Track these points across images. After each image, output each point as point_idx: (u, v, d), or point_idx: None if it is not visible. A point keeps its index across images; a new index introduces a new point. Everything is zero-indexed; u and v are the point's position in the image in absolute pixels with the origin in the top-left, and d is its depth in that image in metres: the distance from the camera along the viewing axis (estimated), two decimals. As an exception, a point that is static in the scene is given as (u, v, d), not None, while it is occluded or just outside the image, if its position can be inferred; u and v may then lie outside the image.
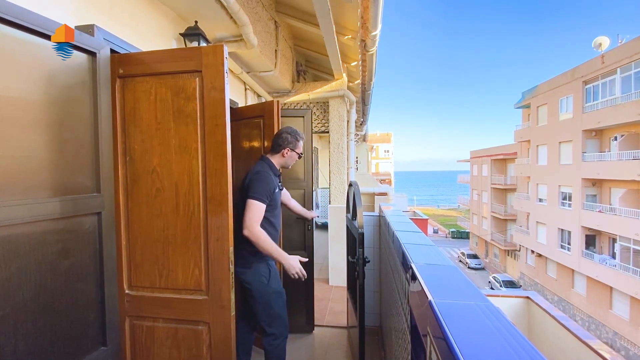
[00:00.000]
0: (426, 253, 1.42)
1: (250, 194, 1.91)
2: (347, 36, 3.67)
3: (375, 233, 3.18)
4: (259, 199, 1.91)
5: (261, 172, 2.02)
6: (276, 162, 2.17)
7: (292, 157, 2.20)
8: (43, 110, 1.28)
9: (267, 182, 1.97)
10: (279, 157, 2.17)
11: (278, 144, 2.16)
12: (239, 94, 3.58)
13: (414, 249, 1.44)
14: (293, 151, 2.18)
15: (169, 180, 1.59)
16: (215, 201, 1.55)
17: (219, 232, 1.55)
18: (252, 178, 1.99)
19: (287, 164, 2.23)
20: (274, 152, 2.18)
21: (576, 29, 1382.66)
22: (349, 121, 4.65)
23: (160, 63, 1.57)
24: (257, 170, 2.04)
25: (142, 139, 1.61)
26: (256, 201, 1.90)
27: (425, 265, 1.21)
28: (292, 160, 2.22)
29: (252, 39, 2.64)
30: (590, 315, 16.20)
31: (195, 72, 1.55)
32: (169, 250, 1.61)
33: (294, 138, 2.17)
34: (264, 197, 1.94)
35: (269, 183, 1.98)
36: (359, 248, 2.36)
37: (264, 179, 1.97)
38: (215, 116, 1.54)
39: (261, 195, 1.92)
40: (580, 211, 16.23)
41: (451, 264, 1.24)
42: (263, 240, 1.86)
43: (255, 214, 1.88)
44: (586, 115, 16.08)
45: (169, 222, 1.61)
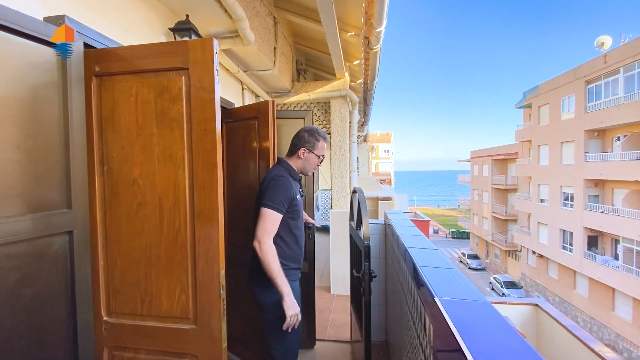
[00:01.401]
0: (449, 279, 1.23)
1: (264, 202, 1.67)
2: (350, 33, 3.47)
3: (380, 242, 2.99)
4: (275, 207, 1.66)
5: (278, 176, 1.76)
6: (294, 165, 1.90)
7: (311, 161, 1.89)
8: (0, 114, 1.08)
9: (285, 188, 1.72)
10: (296, 160, 1.89)
11: (294, 144, 1.89)
12: (235, 94, 3.39)
13: (434, 275, 1.25)
14: (311, 152, 1.87)
15: (152, 194, 1.40)
16: (203, 217, 1.35)
17: (208, 253, 1.36)
18: (268, 184, 1.75)
19: (306, 169, 1.92)
20: (291, 154, 1.91)
21: (578, 28, 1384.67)
22: (351, 122, 4.46)
23: (142, 59, 1.37)
24: (274, 174, 1.79)
25: (122, 146, 1.42)
26: (271, 210, 1.65)
27: (454, 302, 1.01)
28: (312, 165, 1.91)
29: (248, 35, 2.44)
30: (592, 316, 16.07)
31: (181, 69, 1.35)
32: (152, 273, 1.42)
33: (312, 137, 1.86)
34: (280, 206, 1.69)
35: (288, 189, 1.73)
36: (364, 262, 2.17)
37: (282, 184, 1.72)
38: (203, 120, 1.34)
39: (277, 204, 1.67)
40: (582, 212, 16.07)
41: (483, 299, 1.04)
42: (270, 259, 1.61)
43: (268, 225, 1.64)
44: (588, 115, 15.91)
45: (152, 241, 1.41)
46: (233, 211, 2.80)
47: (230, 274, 2.89)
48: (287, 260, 1.79)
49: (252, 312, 2.48)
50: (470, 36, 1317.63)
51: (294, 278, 1.87)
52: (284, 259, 1.74)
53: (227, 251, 2.92)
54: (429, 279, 1.19)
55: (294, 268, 1.88)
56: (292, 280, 1.82)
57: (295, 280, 1.87)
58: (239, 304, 2.78)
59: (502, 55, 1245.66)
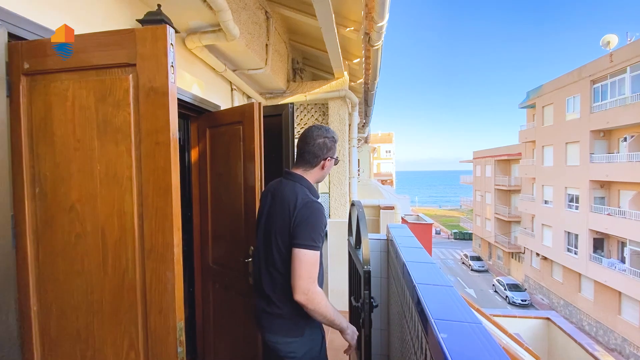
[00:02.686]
0: (468, 334, 0.93)
1: (302, 242, 1.32)
2: (349, 28, 3.17)
3: (382, 260, 2.69)
4: (316, 247, 1.34)
5: (311, 202, 1.40)
6: (312, 179, 1.56)
7: (330, 167, 1.59)
8: None
9: (321, 219, 1.39)
10: (318, 172, 1.54)
11: (314, 155, 1.51)
12: (223, 95, 3.09)
13: (449, 331, 0.95)
14: (332, 159, 1.57)
15: (93, 223, 1.10)
16: (156, 255, 1.06)
17: (162, 301, 1.06)
18: (299, 214, 1.37)
19: (324, 177, 1.62)
20: (310, 166, 1.53)
21: (582, 28, 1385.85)
22: (351, 125, 4.16)
23: (79, 53, 1.08)
24: (305, 200, 1.41)
25: (56, 163, 1.12)
26: (310, 251, 1.32)
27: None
28: (328, 172, 1.64)
29: (231, 29, 2.14)
30: (598, 320, 15.75)
31: (128, 65, 1.06)
32: (94, 323, 1.12)
33: (333, 141, 1.55)
34: (320, 242, 1.37)
35: (323, 218, 1.41)
36: (364, 289, 1.87)
37: (319, 214, 1.39)
38: (155, 130, 1.04)
39: (318, 241, 1.35)
40: (587, 214, 15.75)
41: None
42: (324, 305, 1.32)
43: (311, 270, 1.31)
44: (594, 116, 15.58)
45: (94, 282, 1.12)
46: (217, 227, 2.51)
47: (217, 299, 2.63)
48: None
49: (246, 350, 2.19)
50: (473, 36, 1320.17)
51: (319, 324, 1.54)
52: None
53: (211, 271, 2.65)
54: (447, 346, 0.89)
55: None
56: (317, 327, 1.53)
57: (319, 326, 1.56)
58: (229, 335, 2.49)
59: (505, 56, 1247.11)
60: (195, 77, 2.54)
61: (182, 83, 2.34)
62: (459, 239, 37.04)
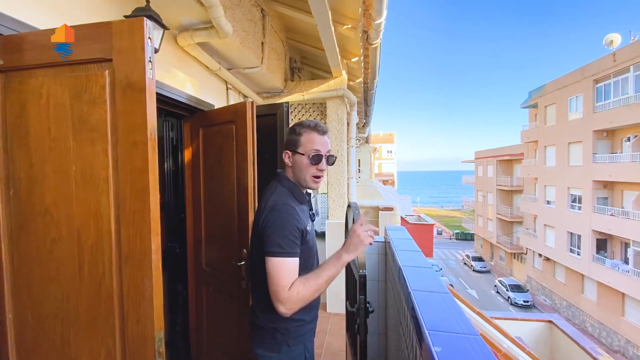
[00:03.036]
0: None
1: (268, 249, 1.20)
2: (346, 25, 3.11)
3: (380, 263, 2.62)
4: (283, 253, 1.19)
5: (278, 205, 1.26)
6: (292, 177, 1.39)
7: (300, 165, 1.34)
8: None
9: (289, 222, 1.23)
10: (289, 169, 1.38)
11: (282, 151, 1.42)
12: (218, 95, 3.04)
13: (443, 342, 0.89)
14: (296, 153, 1.34)
15: (69, 228, 1.05)
16: (133, 261, 1.00)
17: (139, 310, 1.00)
18: (266, 217, 1.25)
19: (302, 180, 1.37)
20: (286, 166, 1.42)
21: (585, 26, 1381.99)
22: (350, 124, 4.10)
23: (53, 48, 1.02)
24: (273, 202, 1.29)
25: (31, 164, 1.07)
26: (278, 259, 1.18)
27: None
28: (305, 171, 1.34)
29: (223, 25, 2.08)
30: (601, 321, 15.62)
31: (104, 61, 1.00)
32: (70, 332, 1.07)
33: (292, 133, 1.36)
34: (293, 247, 1.21)
35: (292, 221, 1.24)
36: (360, 295, 1.81)
37: (284, 219, 1.23)
38: (132, 129, 0.99)
39: (285, 247, 1.19)
40: (590, 214, 15.62)
41: None
42: (311, 292, 1.19)
43: (283, 278, 1.17)
44: (597, 115, 15.46)
45: (70, 289, 1.06)
46: (211, 229, 2.46)
47: (210, 302, 2.56)
48: (300, 314, 1.30)
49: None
50: (475, 36, 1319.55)
51: (309, 337, 1.42)
52: (297, 312, 1.27)
53: (204, 274, 2.59)
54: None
55: (310, 321, 1.43)
56: (307, 340, 1.42)
57: (310, 338, 1.45)
58: (222, 339, 2.43)
59: (507, 55, 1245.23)
60: (188, 75, 2.49)
61: (175, 82, 2.28)
62: (460, 239, 36.90)
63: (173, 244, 2.71)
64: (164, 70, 2.20)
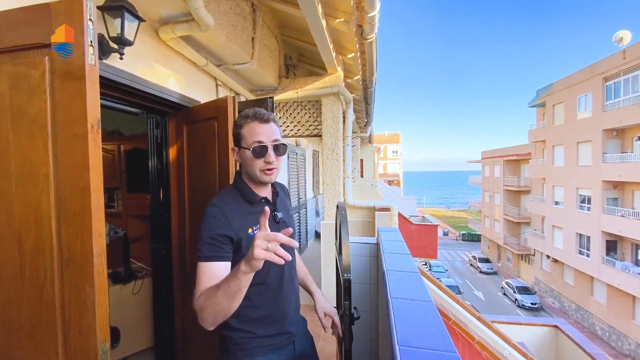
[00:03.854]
0: None
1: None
2: (338, 19, 3.01)
3: (371, 265, 2.51)
4: (201, 257, 1.06)
5: (206, 208, 1.15)
6: (245, 174, 1.25)
7: (245, 159, 1.19)
8: None
9: (206, 224, 1.10)
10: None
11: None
12: (207, 92, 2.95)
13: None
14: (241, 148, 1.19)
15: (9, 228, 0.96)
16: (75, 266, 0.91)
17: (82, 320, 0.91)
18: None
19: (252, 175, 1.20)
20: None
21: (594, 24, 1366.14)
22: (345, 122, 3.99)
23: (-10, 34, 0.94)
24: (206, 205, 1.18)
25: (-30, 160, 0.98)
26: (199, 263, 1.06)
27: None
28: (252, 165, 1.18)
29: (203, 17, 2.00)
30: (611, 325, 15.27)
31: (43, 46, 0.91)
32: (13, 341, 0.98)
33: (235, 127, 1.22)
34: (209, 251, 1.06)
35: (215, 223, 1.09)
36: (344, 300, 1.71)
37: (204, 220, 1.11)
38: (71, 120, 0.90)
39: (203, 250, 1.06)
40: (600, 215, 15.28)
41: None
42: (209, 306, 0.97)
43: (197, 285, 1.04)
44: (607, 114, 15.12)
45: (11, 294, 0.97)
46: (194, 230, 2.37)
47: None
48: (250, 325, 1.19)
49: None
50: (481, 37, 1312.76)
51: (265, 352, 1.22)
52: (242, 323, 1.18)
53: (188, 277, 2.50)
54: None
55: (264, 336, 1.23)
56: (262, 355, 1.21)
57: (266, 354, 1.23)
58: (206, 345, 2.35)
59: (513, 55, 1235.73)
60: (172, 71, 2.41)
61: (156, 77, 2.20)
62: (467, 240, 36.47)
63: (158, 245, 2.63)
64: (145, 65, 2.12)
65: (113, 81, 1.76)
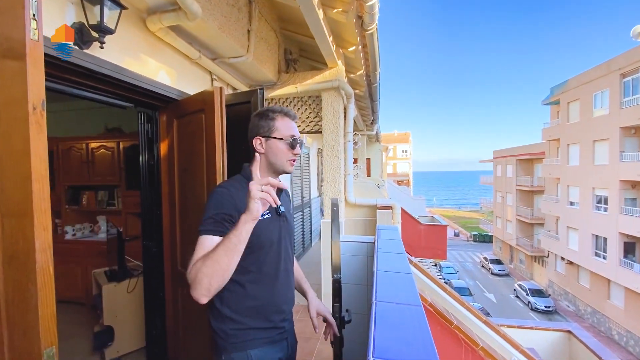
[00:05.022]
0: None
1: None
2: (336, 9, 2.90)
3: (369, 265, 2.40)
4: (202, 230, 1.09)
5: (216, 188, 1.19)
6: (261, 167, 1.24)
7: (276, 150, 1.23)
8: None
9: (217, 200, 1.13)
10: (259, 158, 1.17)
11: (248, 139, 1.28)
12: (201, 85, 2.87)
13: None
14: (270, 138, 1.23)
15: (-47, 221, 0.89)
16: (18, 263, 0.83)
17: (25, 321, 0.83)
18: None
19: (278, 165, 1.24)
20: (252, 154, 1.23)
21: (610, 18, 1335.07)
22: (347, 118, 3.87)
23: None
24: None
25: None
26: (200, 237, 1.08)
27: None
28: (281, 156, 1.23)
29: (189, 5, 1.91)
30: (628, 329, 14.74)
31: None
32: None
33: (264, 118, 1.24)
34: (211, 225, 1.08)
35: (223, 201, 1.12)
36: (333, 302, 1.61)
37: (213, 197, 1.15)
38: (11, 102, 0.81)
39: (206, 225, 1.09)
40: (617, 216, 14.78)
41: None
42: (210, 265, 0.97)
43: (194, 255, 1.04)
44: (625, 111, 14.60)
45: (-44, 294, 0.90)
46: (185, 228, 2.30)
47: (187, 305, 2.38)
48: (243, 315, 1.17)
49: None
50: (493, 34, 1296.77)
51: (259, 343, 1.18)
52: (235, 312, 1.16)
53: (179, 274, 2.41)
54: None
55: (257, 327, 1.19)
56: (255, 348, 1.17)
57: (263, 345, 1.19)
58: (197, 345, 2.27)
59: (526, 52, 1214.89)
60: (162, 63, 2.33)
61: (144, 69, 2.13)
62: (478, 241, 35.85)
63: (149, 242, 2.57)
64: (132, 56, 2.05)
65: (93, 71, 1.69)
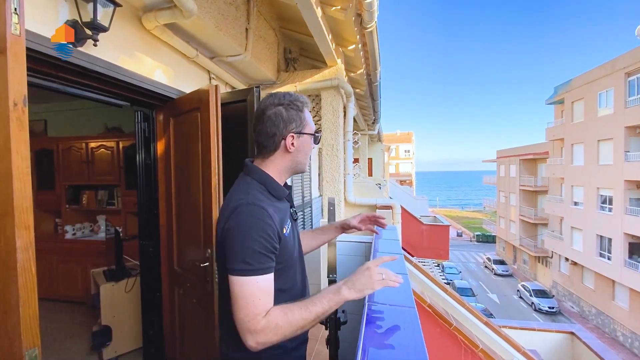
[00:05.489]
0: None
1: (230, 265, 0.91)
2: (335, 7, 2.88)
3: (367, 265, 2.37)
4: (250, 270, 0.90)
5: (241, 206, 0.95)
6: (277, 169, 1.07)
7: (307, 147, 1.08)
8: None
9: (256, 228, 0.92)
10: (282, 157, 1.06)
11: (268, 134, 1.03)
12: (199, 84, 2.85)
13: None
14: (302, 134, 1.05)
15: None
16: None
17: (7, 321, 0.82)
18: (230, 225, 0.94)
19: (302, 164, 1.11)
20: (267, 152, 1.06)
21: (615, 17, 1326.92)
22: (346, 117, 3.85)
23: None
24: (235, 202, 0.97)
25: None
26: (243, 278, 0.89)
27: None
28: (308, 153, 1.11)
29: (185, 3, 1.90)
30: (633, 331, 14.60)
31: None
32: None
33: (294, 109, 1.04)
34: (260, 262, 0.91)
35: (262, 226, 0.93)
36: (328, 302, 1.58)
37: (250, 224, 0.92)
38: (-9, 99, 0.80)
39: (252, 262, 0.90)
40: (622, 216, 14.64)
41: None
42: (293, 328, 0.89)
43: (252, 303, 0.88)
44: (629, 110, 14.46)
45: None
46: (181, 227, 2.28)
47: (182, 306, 2.35)
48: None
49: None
50: (496, 34, 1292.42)
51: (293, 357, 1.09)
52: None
53: (175, 275, 2.40)
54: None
55: (294, 347, 1.08)
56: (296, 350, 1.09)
57: None
58: (193, 344, 2.25)
59: (529, 51, 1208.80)
60: (159, 62, 2.32)
61: (140, 68, 2.11)
62: (481, 241, 35.66)
63: (146, 242, 2.56)
64: (128, 55, 2.04)
65: (87, 69, 1.68)
